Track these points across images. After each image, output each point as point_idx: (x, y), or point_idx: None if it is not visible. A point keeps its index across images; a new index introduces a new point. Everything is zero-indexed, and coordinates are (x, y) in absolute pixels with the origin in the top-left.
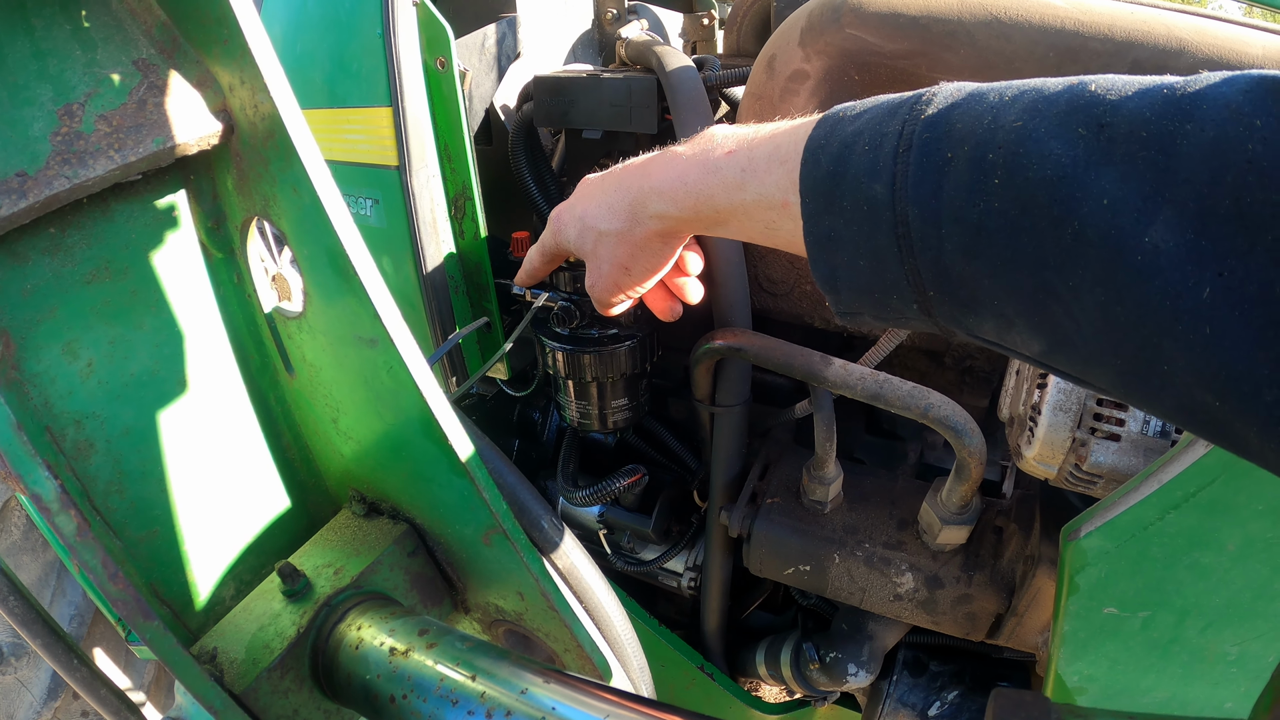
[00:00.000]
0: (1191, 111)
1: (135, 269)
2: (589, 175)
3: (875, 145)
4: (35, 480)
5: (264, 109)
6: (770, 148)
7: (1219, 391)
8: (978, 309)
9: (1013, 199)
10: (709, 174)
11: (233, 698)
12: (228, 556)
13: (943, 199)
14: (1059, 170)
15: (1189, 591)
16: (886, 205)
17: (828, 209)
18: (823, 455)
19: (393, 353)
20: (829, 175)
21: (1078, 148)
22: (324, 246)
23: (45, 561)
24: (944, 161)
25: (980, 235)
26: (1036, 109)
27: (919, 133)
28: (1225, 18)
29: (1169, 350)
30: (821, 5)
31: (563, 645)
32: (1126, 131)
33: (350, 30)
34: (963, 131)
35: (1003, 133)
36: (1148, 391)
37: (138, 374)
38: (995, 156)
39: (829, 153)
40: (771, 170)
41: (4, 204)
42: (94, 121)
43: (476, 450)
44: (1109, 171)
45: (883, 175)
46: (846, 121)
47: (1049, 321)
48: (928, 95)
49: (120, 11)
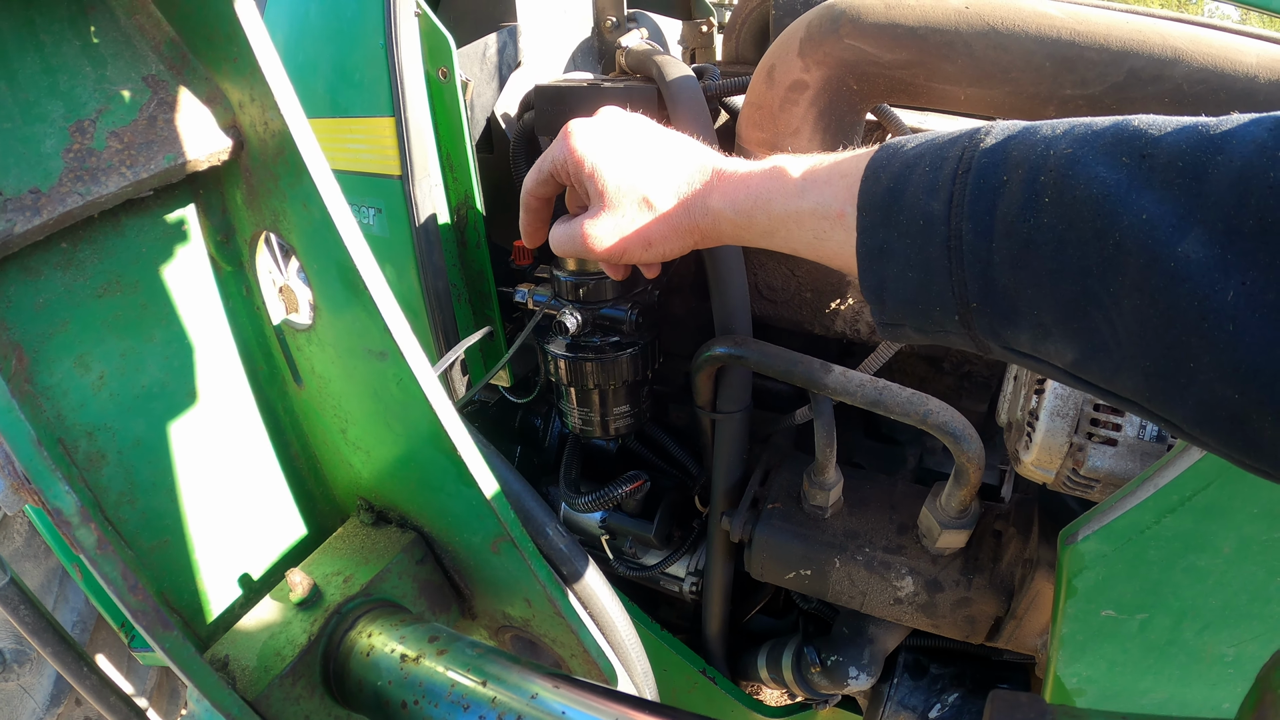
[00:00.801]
0: (1222, 145)
1: (146, 283)
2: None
3: (936, 167)
4: (56, 494)
5: (274, 126)
6: (832, 163)
7: (1239, 385)
8: (1017, 319)
9: (1060, 215)
10: (771, 180)
11: (246, 704)
12: (237, 565)
13: (996, 215)
14: (1104, 190)
15: (1186, 594)
16: (942, 220)
17: (883, 222)
18: (823, 461)
19: (402, 365)
20: (888, 192)
21: (1121, 173)
22: (334, 261)
23: (48, 568)
24: (1000, 183)
25: (1029, 248)
26: (1085, 140)
27: (978, 158)
28: (1220, 25)
29: (1195, 348)
30: (820, 16)
31: (569, 651)
32: (1165, 161)
33: (352, 40)
34: (1018, 158)
35: (1054, 158)
36: (1173, 391)
37: (148, 386)
38: (1046, 179)
39: (890, 171)
40: (832, 182)
41: (19, 221)
42: (105, 138)
43: (484, 460)
44: (1149, 194)
45: (941, 194)
46: (908, 146)
47: (1087, 328)
48: (986, 128)
49: (129, 28)
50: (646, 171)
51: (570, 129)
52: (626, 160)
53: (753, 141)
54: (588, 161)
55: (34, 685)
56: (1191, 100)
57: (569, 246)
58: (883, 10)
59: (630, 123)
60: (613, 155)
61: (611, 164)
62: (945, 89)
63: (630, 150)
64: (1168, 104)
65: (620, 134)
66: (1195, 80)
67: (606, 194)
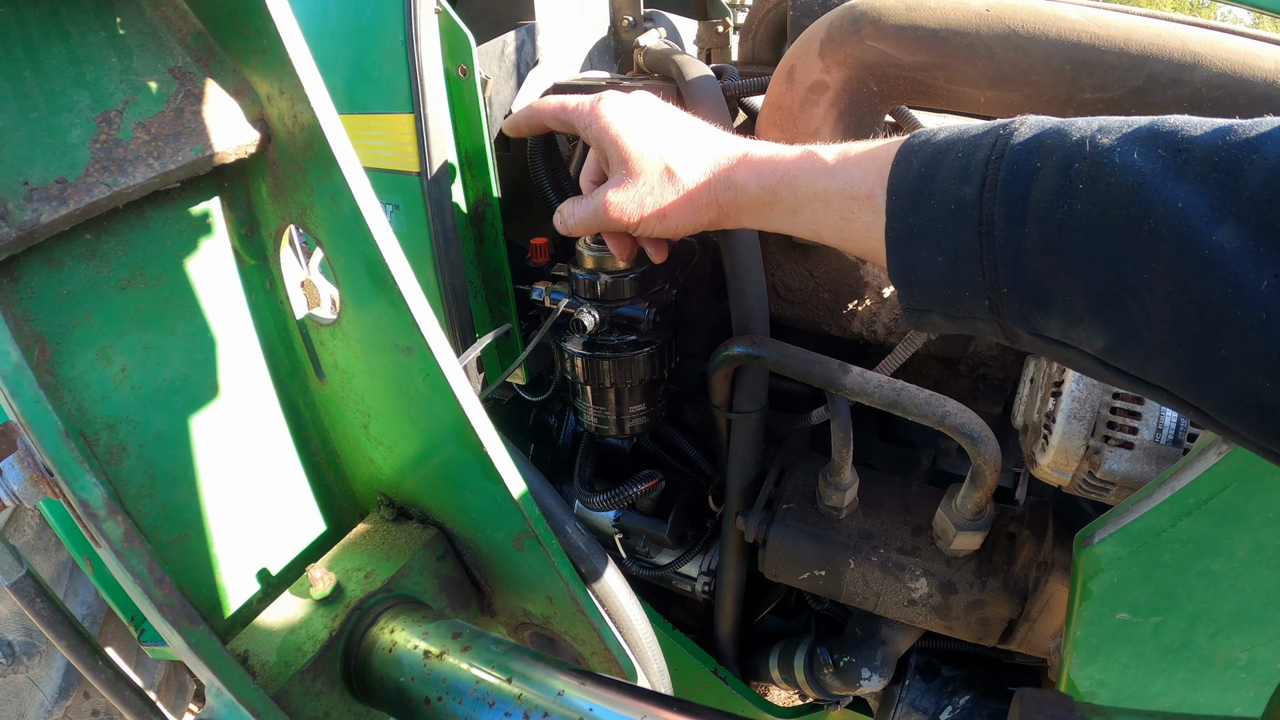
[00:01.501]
0: (1257, 145)
1: (169, 275)
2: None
3: (968, 154)
4: (83, 486)
5: (304, 119)
6: (863, 149)
7: (1271, 373)
8: (1048, 305)
9: (1094, 201)
10: (800, 160)
11: (270, 699)
12: (256, 560)
13: (1029, 201)
14: (1139, 178)
15: (1200, 597)
16: (974, 205)
17: (914, 207)
18: (839, 461)
19: (429, 360)
20: (919, 176)
21: (1157, 163)
22: (362, 255)
23: (58, 561)
24: (1033, 170)
25: (1062, 233)
26: (1120, 132)
27: (1011, 146)
28: (1238, 30)
29: (1228, 335)
30: (841, 17)
31: (589, 648)
32: (1201, 156)
33: (372, 37)
34: (1051, 145)
35: (1089, 146)
36: (1204, 378)
37: (170, 379)
38: (1081, 165)
39: (921, 157)
40: (862, 164)
41: (45, 211)
42: (132, 129)
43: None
44: (1184, 185)
45: (973, 179)
46: (941, 133)
47: (1119, 314)
48: (1019, 119)
49: (155, 20)
50: (672, 144)
51: (603, 96)
52: (653, 132)
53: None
54: (614, 127)
55: (43, 678)
56: (1210, 105)
57: (586, 213)
58: (904, 12)
59: (662, 104)
60: (639, 125)
61: (637, 133)
62: (965, 91)
63: (658, 124)
64: (1186, 108)
65: (650, 110)
66: (1214, 85)
67: (630, 161)
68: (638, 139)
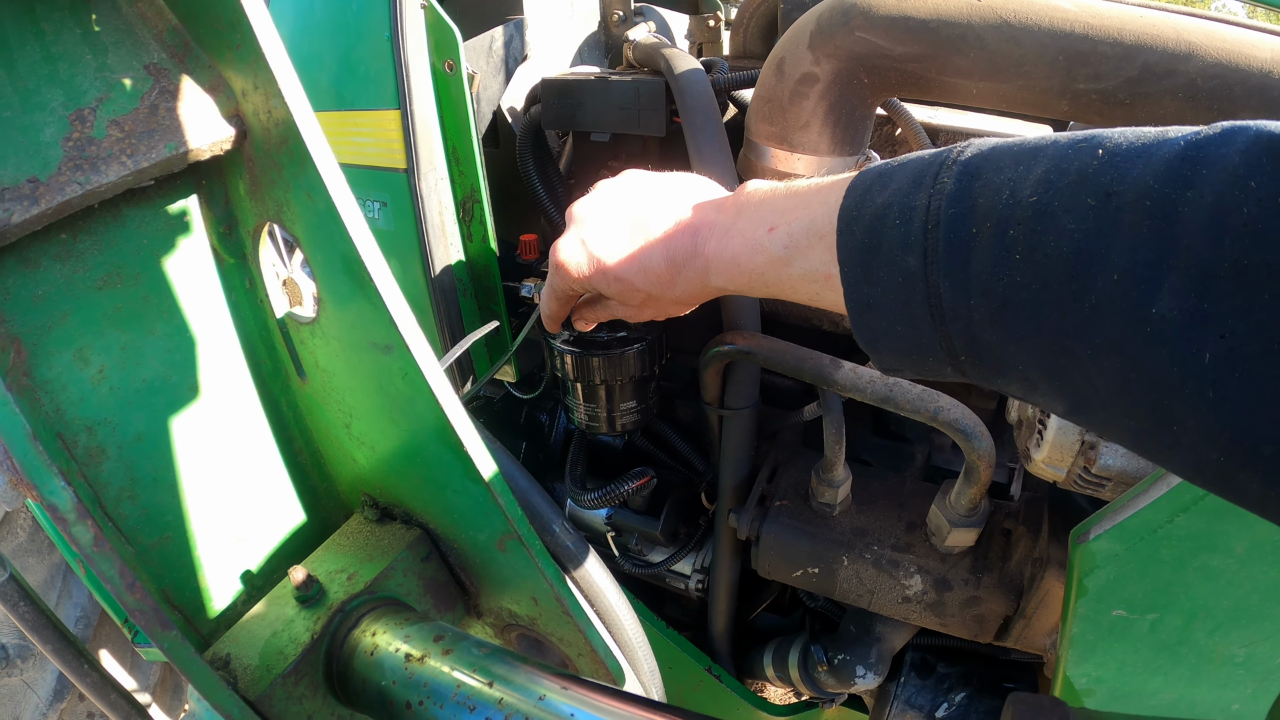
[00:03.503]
0: (1192, 179)
1: (147, 274)
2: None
3: (905, 219)
4: (51, 490)
5: (278, 114)
6: (806, 221)
7: (1223, 447)
8: (1005, 372)
9: (1034, 274)
10: (756, 254)
11: (247, 704)
12: (239, 562)
13: (971, 272)
14: (1074, 246)
15: (1197, 594)
16: (920, 277)
17: (866, 278)
18: (832, 458)
19: (408, 359)
20: (864, 247)
21: (1089, 221)
22: (339, 252)
23: (51, 564)
24: (970, 237)
25: (1006, 307)
26: (1049, 181)
27: (944, 209)
28: (1234, 20)
29: (1178, 412)
30: (831, 8)
31: (576, 650)
32: (1132, 200)
33: (358, 32)
34: (985, 208)
35: (1020, 209)
36: (1161, 450)
37: (149, 380)
38: (1015, 232)
39: (862, 225)
40: (813, 246)
41: (16, 210)
42: (106, 127)
43: (491, 456)
44: (1119, 241)
45: (915, 249)
46: (874, 191)
47: (1069, 386)
48: (948, 164)
49: (130, 15)
50: (631, 269)
51: (555, 249)
52: (611, 264)
53: (762, 135)
54: (583, 277)
55: (37, 680)
56: (1205, 95)
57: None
58: (894, 3)
59: (607, 216)
60: (595, 262)
61: (600, 274)
62: (957, 82)
63: (606, 248)
64: (1181, 99)
65: (597, 234)
66: (1209, 75)
67: (618, 299)
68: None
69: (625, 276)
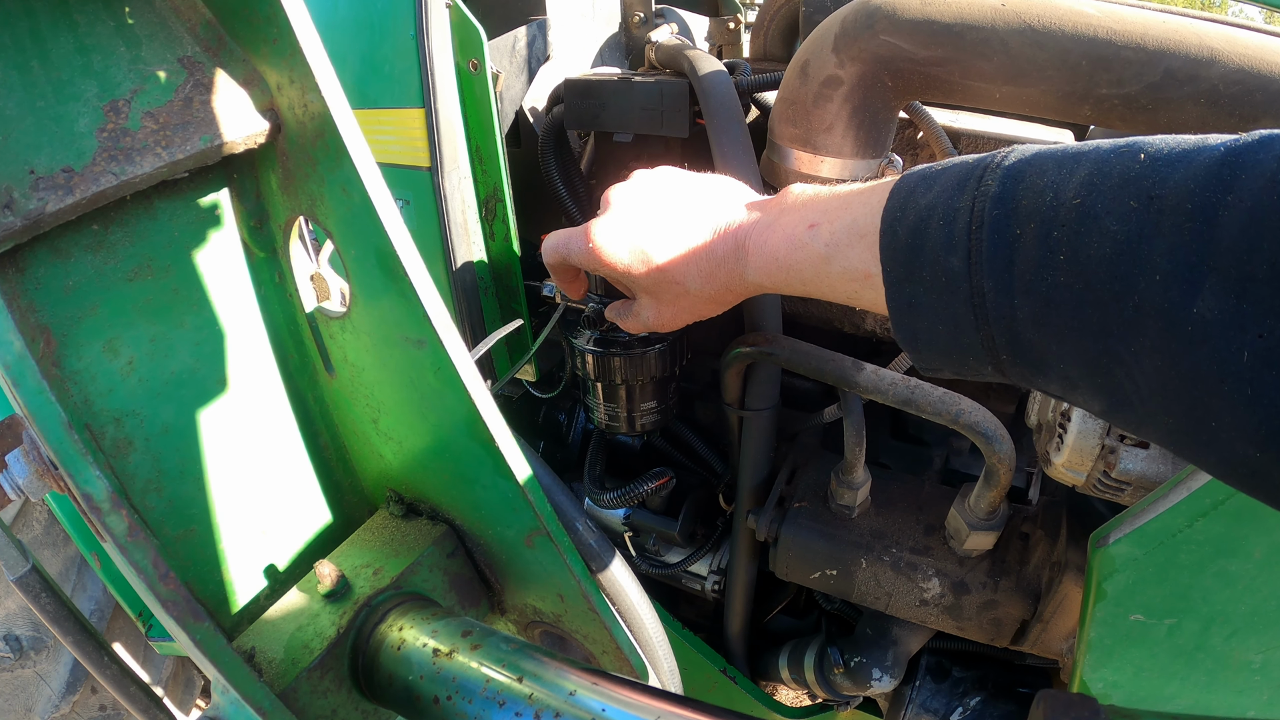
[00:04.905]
0: (1231, 183)
1: (177, 267)
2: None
3: (949, 220)
4: (86, 479)
5: (314, 108)
6: (849, 220)
7: (1260, 443)
8: (1046, 371)
9: (1077, 274)
10: (796, 250)
11: (276, 698)
12: (264, 556)
13: (1015, 272)
14: (1116, 247)
15: (1216, 599)
16: (963, 277)
17: (908, 278)
18: (852, 460)
19: (441, 354)
20: (907, 247)
21: (1131, 223)
22: (373, 247)
23: (66, 556)
24: (1014, 238)
25: (1049, 306)
26: (1092, 184)
27: (989, 210)
28: (1256, 26)
29: (1216, 409)
30: (855, 11)
31: (600, 647)
32: (1175, 204)
33: (383, 31)
34: (1028, 209)
35: (1064, 210)
36: (1197, 447)
37: (178, 372)
38: (1059, 234)
39: (905, 225)
40: (853, 245)
41: (50, 200)
42: (140, 118)
43: (521, 452)
44: (1160, 244)
45: (958, 249)
46: (919, 193)
47: (1110, 384)
48: (991, 167)
49: (164, 9)
50: (677, 268)
51: (591, 231)
52: (655, 254)
53: (785, 137)
54: (620, 265)
55: (50, 673)
56: (1227, 101)
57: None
58: (919, 6)
59: (648, 205)
60: (635, 253)
61: (640, 266)
62: (980, 86)
63: (657, 242)
64: (1203, 104)
65: (641, 224)
66: (1231, 81)
67: (645, 290)
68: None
69: (668, 268)
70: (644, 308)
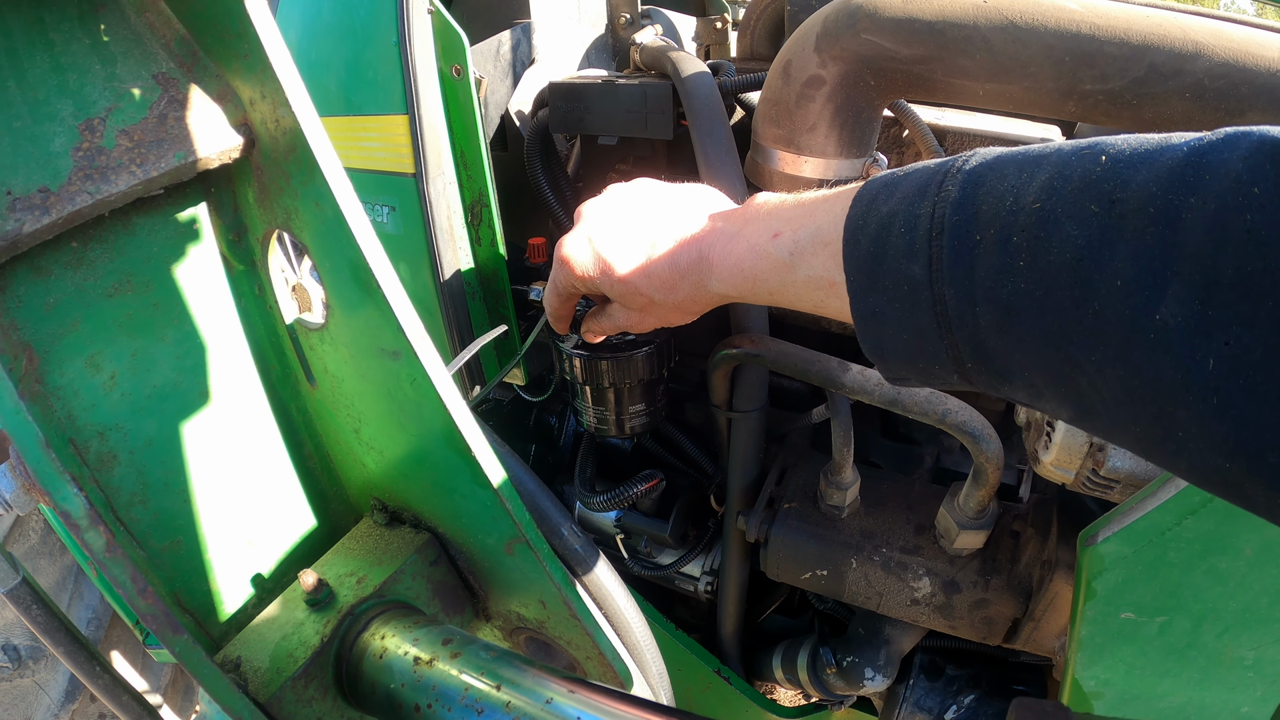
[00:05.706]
0: (1195, 184)
1: (157, 282)
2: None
3: (910, 227)
4: (64, 497)
5: (285, 123)
6: (812, 229)
7: (1228, 454)
8: (1011, 379)
9: (1037, 280)
10: (761, 260)
11: (258, 706)
12: (250, 566)
13: (975, 280)
14: (1077, 252)
15: (1206, 596)
16: (925, 285)
17: (871, 287)
18: (840, 460)
19: (416, 365)
20: (870, 256)
21: (1092, 227)
22: (346, 259)
23: (63, 565)
24: (974, 244)
25: (1010, 314)
26: (1053, 187)
27: (949, 216)
28: (1242, 20)
29: (1182, 419)
30: (837, 11)
31: (584, 653)
32: (1136, 207)
33: (366, 38)
34: (988, 214)
35: (1024, 215)
36: (1166, 455)
37: (160, 386)
38: (1019, 239)
39: (868, 233)
40: (817, 253)
41: (27, 220)
42: (115, 136)
43: (499, 460)
44: (1121, 248)
45: (920, 257)
46: (880, 200)
47: (1074, 392)
48: (952, 172)
49: (139, 25)
50: (638, 277)
51: (561, 244)
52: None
53: (769, 138)
54: (588, 275)
55: (49, 681)
56: (1213, 95)
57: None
58: (900, 5)
59: (616, 217)
60: (599, 263)
61: (606, 278)
62: (963, 84)
63: (614, 251)
64: (1189, 99)
65: (608, 236)
66: (1216, 75)
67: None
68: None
69: (630, 279)
70: (616, 311)
